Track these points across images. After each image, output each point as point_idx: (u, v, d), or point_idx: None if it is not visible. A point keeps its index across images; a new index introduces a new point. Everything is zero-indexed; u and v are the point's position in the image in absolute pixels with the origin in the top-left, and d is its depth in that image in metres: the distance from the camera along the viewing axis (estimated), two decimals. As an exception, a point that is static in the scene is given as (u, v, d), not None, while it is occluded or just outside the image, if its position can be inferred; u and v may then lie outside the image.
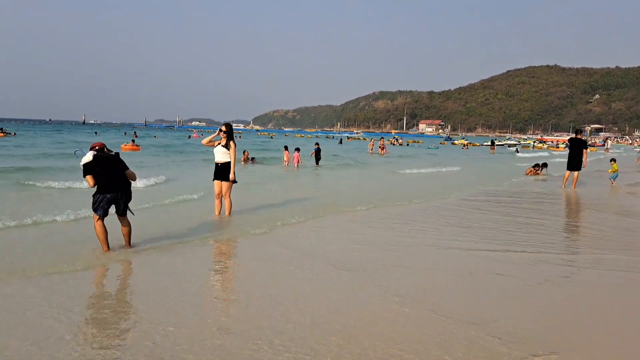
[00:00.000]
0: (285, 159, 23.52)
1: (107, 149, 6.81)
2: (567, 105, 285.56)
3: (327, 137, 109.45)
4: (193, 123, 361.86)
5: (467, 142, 78.99)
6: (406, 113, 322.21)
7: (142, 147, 35.32)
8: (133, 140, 38.33)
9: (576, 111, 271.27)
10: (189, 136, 70.59)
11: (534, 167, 21.36)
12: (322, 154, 24.42)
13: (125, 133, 70.96)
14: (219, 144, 9.26)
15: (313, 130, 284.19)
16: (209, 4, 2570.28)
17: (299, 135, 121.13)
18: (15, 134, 54.53)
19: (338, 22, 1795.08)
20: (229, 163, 9.12)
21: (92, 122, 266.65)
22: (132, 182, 6.87)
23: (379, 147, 40.64)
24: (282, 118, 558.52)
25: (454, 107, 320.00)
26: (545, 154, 47.87)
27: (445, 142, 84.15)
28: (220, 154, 9.18)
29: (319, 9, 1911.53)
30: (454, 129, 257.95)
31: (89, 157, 6.46)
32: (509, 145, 71.89)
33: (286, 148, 24.56)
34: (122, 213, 6.76)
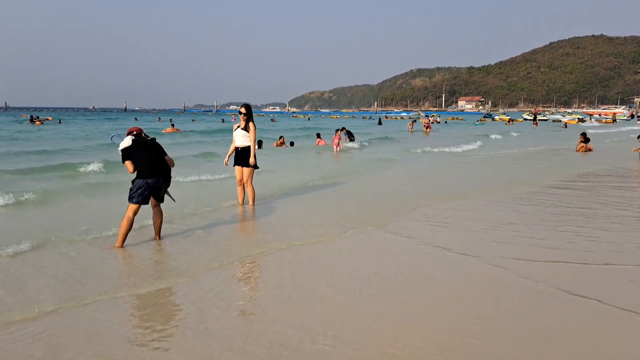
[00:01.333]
0: (322, 142, 22.98)
1: (144, 134, 6.48)
2: (615, 77, 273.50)
3: (363, 117, 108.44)
4: (231, 107, 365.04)
5: (508, 117, 76.70)
6: (445, 90, 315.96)
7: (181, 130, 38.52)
8: (172, 125, 41.35)
9: (624, 82, 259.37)
10: (222, 120, 71.49)
11: (583, 140, 20.32)
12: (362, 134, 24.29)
13: (160, 119, 72.28)
14: (239, 126, 8.65)
15: (350, 110, 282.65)
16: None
17: (335, 116, 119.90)
18: (51, 118, 58.12)
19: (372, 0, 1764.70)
20: (249, 147, 8.51)
21: (137, 108, 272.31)
22: (172, 167, 6.59)
23: (424, 125, 38.58)
24: (318, 99, 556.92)
25: (494, 82, 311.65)
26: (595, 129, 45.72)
27: (486, 118, 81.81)
28: (240, 138, 8.55)
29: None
30: (494, 105, 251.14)
31: (127, 141, 6.17)
32: (554, 120, 69.48)
33: (318, 135, 24.63)
34: (161, 199, 6.45)
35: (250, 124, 8.53)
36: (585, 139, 20.33)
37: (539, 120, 61.41)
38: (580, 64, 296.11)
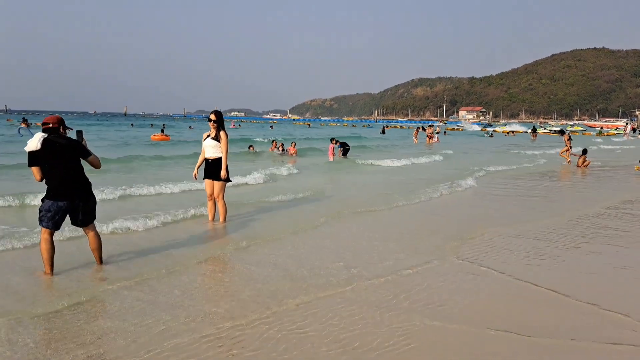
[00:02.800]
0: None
1: (64, 127, 5.17)
2: (616, 89, 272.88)
3: (363, 125, 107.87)
4: (232, 113, 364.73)
5: (510, 130, 75.93)
6: (446, 100, 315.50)
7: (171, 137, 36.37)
8: (162, 130, 39.42)
9: (625, 95, 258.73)
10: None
11: (583, 154, 19.77)
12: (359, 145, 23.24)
13: (152, 125, 71.26)
14: (209, 136, 7.78)
15: (350, 118, 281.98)
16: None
17: (334, 124, 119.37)
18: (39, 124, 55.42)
19: (374, 8, 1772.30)
20: (220, 159, 7.65)
21: (141, 113, 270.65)
22: (97, 169, 5.50)
23: (427, 136, 36.48)
24: (319, 107, 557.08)
25: (495, 93, 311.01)
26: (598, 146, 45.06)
27: (486, 129, 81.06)
28: (211, 148, 7.68)
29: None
30: (495, 116, 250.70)
31: (35, 143, 4.92)
32: (554, 132, 68.71)
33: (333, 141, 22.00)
34: (81, 224, 5.30)
35: (222, 132, 7.71)
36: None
37: (538, 133, 60.74)
38: (581, 76, 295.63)
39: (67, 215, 5.22)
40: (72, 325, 4.00)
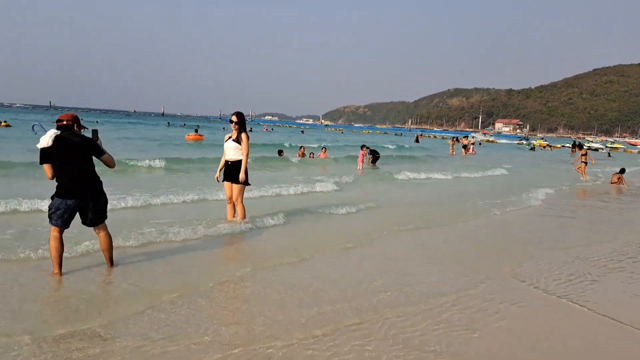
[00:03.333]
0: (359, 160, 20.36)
1: (78, 125, 4.99)
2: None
3: (395, 134, 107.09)
4: (266, 117, 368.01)
5: (546, 143, 74.08)
6: (482, 111, 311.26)
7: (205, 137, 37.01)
8: (196, 130, 39.82)
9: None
10: (250, 129, 71.62)
11: (620, 172, 18.98)
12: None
13: (184, 125, 72.34)
14: (230, 137, 7.62)
15: (384, 126, 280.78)
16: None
17: (366, 131, 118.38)
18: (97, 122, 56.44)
19: (412, 16, 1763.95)
20: (241, 161, 7.46)
21: (180, 114, 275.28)
22: (111, 168, 5.30)
23: (463, 147, 35.14)
24: (352, 114, 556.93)
25: (533, 106, 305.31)
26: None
27: (523, 142, 79.25)
28: (232, 150, 7.51)
29: (392, 3, 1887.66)
30: (532, 129, 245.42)
31: (47, 140, 4.76)
32: (595, 149, 66.69)
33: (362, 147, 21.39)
34: (91, 223, 5.11)
35: (243, 135, 7.50)
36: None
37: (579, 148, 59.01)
38: (624, 92, 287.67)
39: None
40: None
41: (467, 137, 40.54)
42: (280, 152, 22.73)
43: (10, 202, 7.95)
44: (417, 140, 57.47)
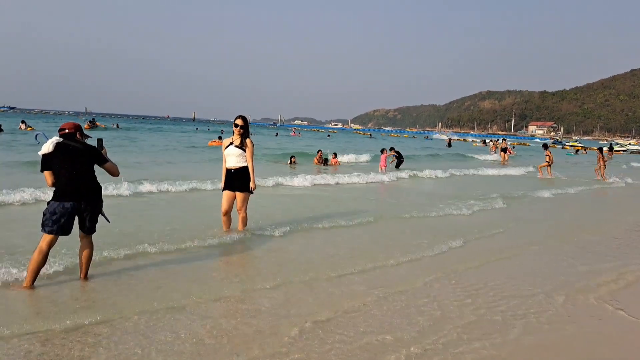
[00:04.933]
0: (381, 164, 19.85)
1: (81, 133, 5.02)
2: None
3: (425, 137, 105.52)
4: (295, 122, 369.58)
5: (581, 145, 71.72)
6: (514, 114, 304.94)
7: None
8: (220, 137, 39.67)
9: None
10: (276, 133, 71.76)
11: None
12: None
13: (209, 129, 72.92)
14: (232, 143, 7.05)
15: (413, 129, 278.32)
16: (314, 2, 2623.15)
17: (395, 134, 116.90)
18: (104, 126, 54.86)
19: (443, 17, 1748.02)
20: (246, 168, 6.99)
21: (212, 120, 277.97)
22: (114, 177, 5.29)
23: (502, 150, 32.26)
24: (382, 117, 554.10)
25: (568, 108, 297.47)
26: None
27: (556, 145, 76.84)
28: (234, 157, 6.98)
29: (424, 5, 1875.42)
30: (567, 132, 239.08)
31: (49, 146, 4.78)
32: (631, 152, 64.20)
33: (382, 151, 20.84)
34: (86, 230, 5.02)
35: (248, 140, 7.03)
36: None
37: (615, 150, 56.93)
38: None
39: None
40: None
41: (505, 140, 38.48)
42: (292, 159, 21.87)
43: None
44: (449, 145, 56.05)
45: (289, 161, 21.63)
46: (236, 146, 7.01)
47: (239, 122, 7.05)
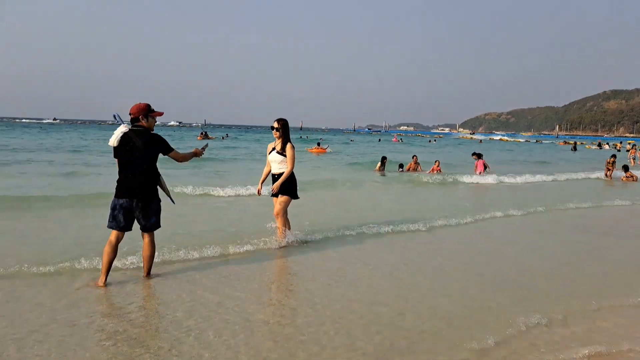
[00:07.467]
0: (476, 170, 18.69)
1: (145, 116, 4.93)
2: None
3: (536, 141, 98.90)
4: (401, 127, 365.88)
5: None
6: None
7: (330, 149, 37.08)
8: (319, 143, 39.95)
9: None
10: (379, 139, 71.72)
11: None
12: None
13: (307, 137, 73.37)
14: (274, 148, 6.76)
15: (528, 133, 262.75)
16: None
17: (504, 138, 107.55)
18: (214, 137, 55.85)
19: (561, 14, 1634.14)
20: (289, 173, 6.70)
21: (323, 128, 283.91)
22: (179, 162, 5.32)
23: (632, 159, 28.11)
24: (494, 121, 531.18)
25: None
26: None
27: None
28: (277, 164, 6.69)
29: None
30: None
31: (114, 140, 4.83)
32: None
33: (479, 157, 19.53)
34: (143, 228, 4.99)
35: (288, 146, 6.66)
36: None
37: None
38: None
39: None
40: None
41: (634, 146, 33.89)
42: (382, 161, 21.10)
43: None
44: (574, 149, 51.68)
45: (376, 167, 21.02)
46: (278, 152, 6.74)
47: (275, 124, 6.70)
